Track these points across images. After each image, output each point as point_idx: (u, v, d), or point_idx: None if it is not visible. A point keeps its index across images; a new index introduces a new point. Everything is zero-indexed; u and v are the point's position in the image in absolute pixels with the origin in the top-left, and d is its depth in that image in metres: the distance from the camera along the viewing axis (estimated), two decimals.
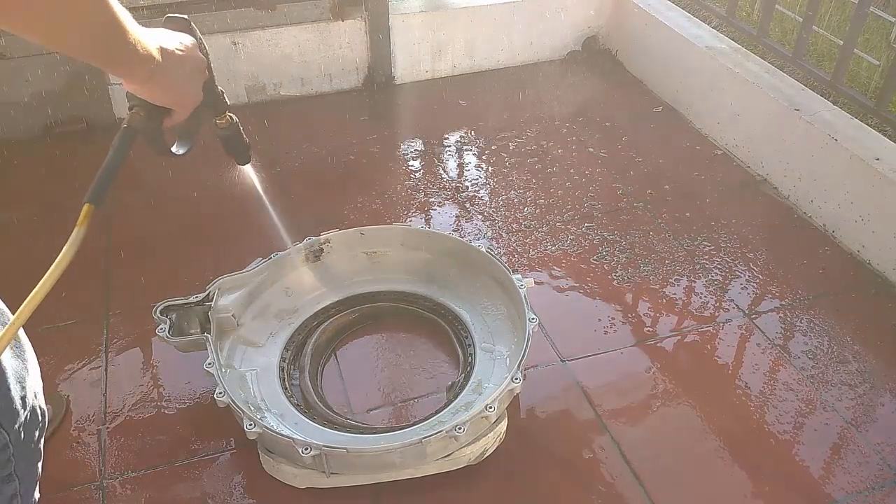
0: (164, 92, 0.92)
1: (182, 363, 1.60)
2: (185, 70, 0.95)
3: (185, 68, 0.95)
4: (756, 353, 1.66)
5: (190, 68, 0.96)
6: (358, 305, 1.71)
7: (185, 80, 0.95)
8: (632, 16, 2.78)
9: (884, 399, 1.57)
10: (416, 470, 1.35)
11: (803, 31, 2.18)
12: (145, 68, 0.86)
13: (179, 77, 0.94)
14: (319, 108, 2.61)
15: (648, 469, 1.42)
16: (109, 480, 1.40)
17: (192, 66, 0.96)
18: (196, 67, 0.98)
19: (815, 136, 2.02)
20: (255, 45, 2.50)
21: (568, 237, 2.00)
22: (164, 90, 0.92)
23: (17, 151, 2.34)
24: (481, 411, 1.32)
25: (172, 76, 0.91)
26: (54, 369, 1.61)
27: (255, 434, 1.29)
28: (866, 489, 1.38)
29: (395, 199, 2.14)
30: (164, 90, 0.92)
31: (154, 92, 0.91)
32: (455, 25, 2.69)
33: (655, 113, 2.59)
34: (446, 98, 2.67)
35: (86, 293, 1.81)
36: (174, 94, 0.94)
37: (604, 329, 1.72)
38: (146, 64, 0.85)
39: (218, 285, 1.54)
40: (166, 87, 0.92)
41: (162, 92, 0.92)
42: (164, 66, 0.88)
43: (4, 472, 0.79)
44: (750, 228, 2.03)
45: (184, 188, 2.14)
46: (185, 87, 0.96)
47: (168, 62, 0.89)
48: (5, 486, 0.80)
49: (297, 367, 1.58)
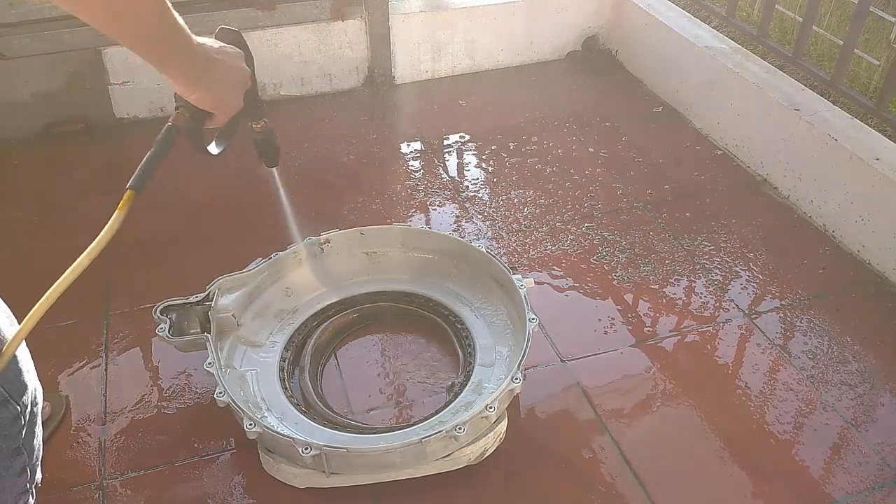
0: (208, 97, 1.01)
1: (182, 363, 1.60)
2: (230, 79, 1.04)
3: (230, 78, 1.04)
4: (756, 353, 1.66)
5: (234, 78, 1.06)
6: (358, 305, 1.71)
7: (228, 89, 1.05)
8: (632, 16, 2.78)
9: (884, 399, 1.57)
10: (416, 470, 1.35)
11: (803, 31, 2.18)
12: (194, 73, 0.96)
13: (223, 85, 1.03)
14: (319, 108, 2.61)
15: (648, 469, 1.42)
16: (109, 480, 1.40)
17: (236, 76, 1.06)
18: (240, 78, 1.07)
19: (815, 136, 2.02)
20: (255, 45, 2.47)
21: (568, 237, 2.00)
22: (209, 95, 1.01)
23: (17, 151, 2.34)
24: (481, 411, 1.32)
25: (217, 84, 1.01)
26: (54, 369, 1.61)
27: (256, 434, 1.29)
28: (866, 489, 1.39)
29: (395, 199, 2.14)
30: (209, 95, 1.01)
31: (199, 96, 1.00)
32: (455, 25, 2.69)
33: (655, 113, 2.59)
34: (446, 98, 2.67)
35: (86, 293, 1.81)
36: (217, 100, 1.03)
37: (604, 329, 1.72)
38: (196, 69, 0.95)
39: (218, 285, 1.54)
40: (211, 93, 1.01)
41: (206, 97, 1.01)
42: (211, 73, 0.98)
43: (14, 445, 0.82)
44: (750, 228, 2.03)
45: (184, 188, 2.14)
46: (228, 94, 1.05)
47: (215, 70, 0.99)
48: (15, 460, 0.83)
49: (298, 367, 1.58)
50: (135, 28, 0.83)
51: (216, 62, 1.00)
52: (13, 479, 0.82)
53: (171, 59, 0.92)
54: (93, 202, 2.13)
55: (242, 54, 1.10)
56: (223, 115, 1.07)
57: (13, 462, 0.82)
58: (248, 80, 1.10)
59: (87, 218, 2.17)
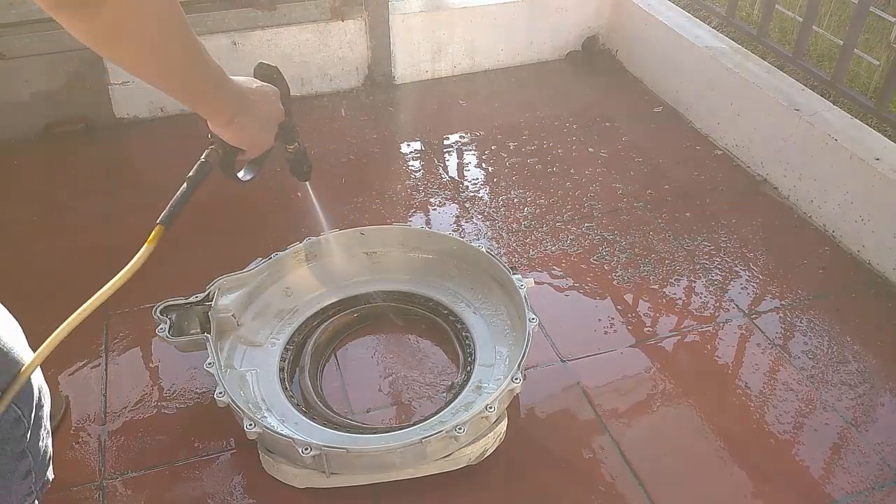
0: (241, 136, 1.05)
1: (182, 363, 1.60)
2: (263, 119, 1.09)
3: (262, 118, 1.08)
4: (756, 353, 1.66)
5: (266, 118, 1.10)
6: (358, 305, 1.71)
7: (260, 129, 1.09)
8: (632, 16, 2.78)
9: (884, 399, 1.57)
10: (416, 470, 1.35)
11: (803, 31, 2.18)
12: (228, 114, 0.99)
13: (256, 125, 1.07)
14: (319, 108, 2.61)
15: (648, 469, 1.42)
16: (109, 480, 1.40)
17: (268, 116, 1.10)
18: (273, 116, 1.12)
19: (815, 136, 2.02)
20: (255, 45, 2.50)
21: (568, 237, 2.00)
22: (241, 135, 1.05)
23: (17, 151, 2.34)
24: (481, 411, 1.32)
25: (251, 123, 1.05)
26: (54, 369, 1.61)
27: (255, 434, 1.29)
28: (866, 489, 1.39)
29: (395, 199, 2.14)
30: (241, 135, 1.05)
31: (232, 135, 1.04)
32: (455, 25, 2.69)
33: (655, 113, 2.59)
34: (446, 98, 2.67)
35: (86, 293, 1.81)
36: (249, 139, 1.08)
37: (604, 329, 1.72)
38: (229, 110, 0.99)
39: (218, 285, 1.54)
40: (243, 133, 1.05)
41: (239, 136, 1.05)
42: (245, 113, 1.02)
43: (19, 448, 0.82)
44: (750, 228, 2.03)
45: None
46: (261, 133, 1.10)
47: (249, 110, 1.03)
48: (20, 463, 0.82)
49: (298, 367, 1.58)
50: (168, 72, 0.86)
51: (250, 102, 1.03)
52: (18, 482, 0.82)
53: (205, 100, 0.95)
54: (93, 202, 2.13)
55: (278, 92, 1.14)
56: (254, 151, 1.12)
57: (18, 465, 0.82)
58: (281, 116, 1.14)
59: (87, 218, 2.19)
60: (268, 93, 1.10)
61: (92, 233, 2.01)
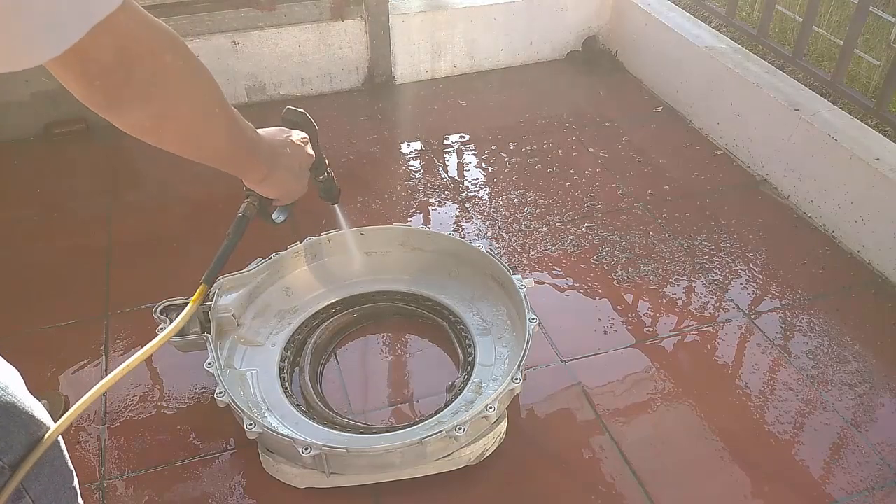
0: (274, 190, 1.10)
1: (182, 363, 1.60)
2: (294, 170, 1.12)
3: (294, 169, 1.12)
4: (756, 353, 1.66)
5: (298, 167, 1.13)
6: (358, 305, 1.71)
7: (293, 179, 1.13)
8: (632, 16, 2.78)
9: (884, 399, 1.57)
10: (416, 470, 1.35)
11: (803, 31, 2.18)
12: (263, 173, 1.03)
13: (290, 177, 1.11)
14: (319, 108, 2.60)
15: (648, 469, 1.42)
16: (109, 480, 1.40)
17: (300, 164, 1.14)
18: (303, 165, 1.15)
19: (815, 136, 2.02)
20: (255, 45, 2.50)
21: (568, 237, 2.00)
22: (275, 188, 1.10)
23: (17, 151, 2.34)
24: (481, 411, 1.32)
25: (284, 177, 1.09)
26: (54, 369, 1.61)
27: (256, 434, 1.29)
28: (866, 489, 1.39)
29: (395, 199, 2.14)
30: (275, 188, 1.10)
31: (267, 190, 1.10)
32: (455, 25, 2.69)
33: (655, 113, 2.59)
34: (446, 98, 2.68)
35: (86, 293, 1.81)
36: (283, 190, 1.12)
37: (604, 329, 1.72)
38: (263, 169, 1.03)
39: (218, 285, 1.54)
40: (277, 186, 1.10)
41: (273, 190, 1.10)
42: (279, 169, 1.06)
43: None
44: (750, 228, 2.03)
45: (184, 188, 2.14)
46: (293, 184, 1.14)
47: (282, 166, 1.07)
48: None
49: (298, 367, 1.58)
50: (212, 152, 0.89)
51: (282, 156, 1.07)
52: None
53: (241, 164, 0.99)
54: (93, 202, 2.13)
55: (307, 138, 1.17)
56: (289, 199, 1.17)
57: None
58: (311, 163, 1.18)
59: (87, 218, 2.19)
60: (297, 144, 1.13)
61: (92, 233, 2.01)
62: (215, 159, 0.91)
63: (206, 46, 2.42)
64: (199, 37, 2.40)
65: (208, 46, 2.43)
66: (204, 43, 2.42)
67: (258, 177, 1.04)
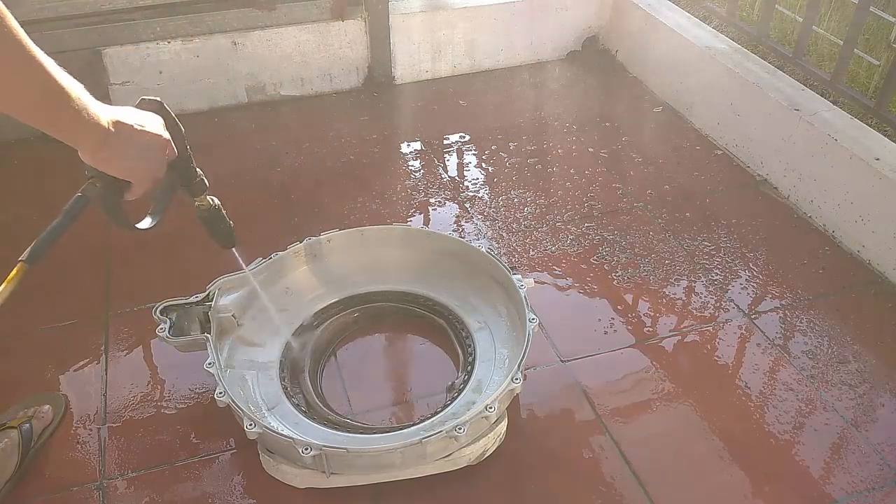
0: (116, 164, 0.95)
1: (182, 363, 1.60)
2: (140, 145, 0.97)
3: (140, 143, 0.97)
4: (756, 353, 1.66)
5: (146, 143, 0.98)
6: (358, 305, 1.71)
7: (139, 155, 0.97)
8: (632, 16, 2.78)
9: (884, 399, 1.57)
10: (416, 470, 1.35)
11: (803, 31, 2.18)
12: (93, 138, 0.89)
13: (133, 151, 0.96)
14: (319, 108, 2.61)
15: (648, 469, 1.42)
16: (109, 480, 1.40)
17: (148, 141, 0.98)
18: (153, 143, 0.99)
19: (815, 136, 2.02)
20: (255, 45, 2.50)
21: (568, 237, 2.00)
22: (116, 162, 0.95)
23: (17, 151, 2.34)
24: (481, 411, 1.32)
25: (125, 149, 0.94)
26: (54, 369, 1.61)
27: (256, 434, 1.29)
28: (866, 489, 1.38)
29: (395, 199, 2.14)
30: (116, 162, 0.95)
31: (105, 163, 0.94)
32: (455, 25, 2.69)
33: (655, 113, 2.59)
34: (446, 98, 2.67)
35: (86, 293, 1.81)
36: (127, 167, 0.97)
37: (604, 329, 1.72)
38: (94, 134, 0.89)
39: (218, 285, 1.54)
40: (118, 160, 0.94)
41: (114, 164, 0.95)
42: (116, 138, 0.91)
43: None
44: (750, 228, 2.03)
45: None
46: (139, 161, 0.98)
47: (121, 135, 0.92)
48: None
49: (298, 368, 1.58)
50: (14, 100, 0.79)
51: (124, 126, 0.93)
52: None
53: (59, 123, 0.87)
54: None
55: (160, 120, 1.03)
56: (140, 183, 1.00)
57: None
58: (166, 146, 1.02)
59: (87, 218, 2.18)
60: (147, 118, 0.99)
61: (92, 233, 2.01)
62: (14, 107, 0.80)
63: (206, 46, 2.42)
64: (199, 37, 2.40)
65: (208, 46, 2.43)
66: (204, 43, 2.42)
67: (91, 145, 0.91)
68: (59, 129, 0.87)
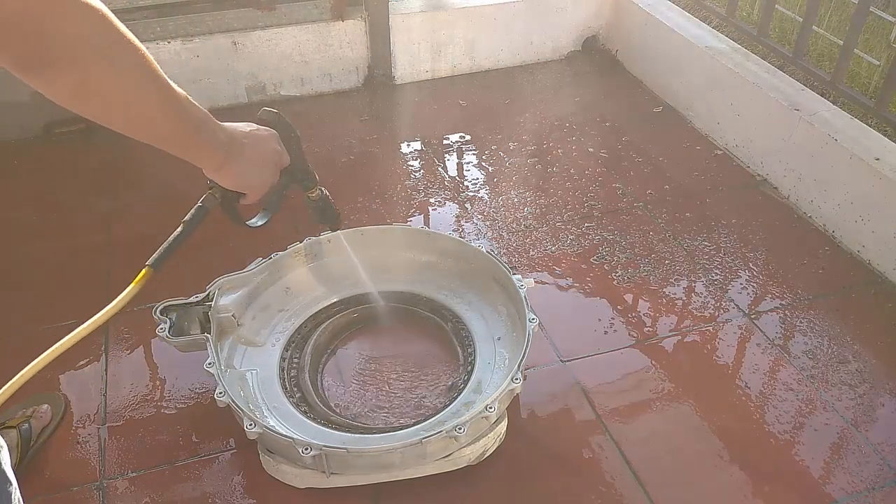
0: (234, 179, 1.06)
1: (182, 363, 1.60)
2: (256, 161, 1.07)
3: (256, 160, 1.07)
4: (756, 353, 1.66)
5: (261, 159, 1.09)
6: (358, 305, 1.71)
7: (255, 170, 1.08)
8: (632, 16, 2.78)
9: (884, 399, 1.57)
10: (416, 470, 1.35)
11: (803, 31, 2.18)
12: (217, 160, 0.99)
13: (250, 167, 1.06)
14: (319, 108, 2.61)
15: (648, 469, 1.42)
16: (109, 480, 1.40)
17: (263, 157, 1.09)
18: (269, 159, 1.11)
19: (815, 136, 2.02)
20: (255, 45, 2.50)
21: (568, 237, 2.00)
22: (235, 178, 1.05)
23: (17, 151, 2.34)
24: (481, 411, 1.32)
25: (242, 166, 1.04)
26: (54, 369, 1.61)
27: (256, 434, 1.29)
28: (866, 489, 1.39)
29: (395, 199, 2.14)
30: (235, 178, 1.05)
31: (225, 179, 1.05)
32: (455, 25, 2.69)
33: (655, 113, 2.59)
34: (446, 98, 2.68)
35: (86, 293, 1.81)
36: (244, 181, 1.07)
37: (604, 329, 1.72)
38: (218, 156, 0.99)
39: (218, 285, 1.54)
40: (237, 176, 1.05)
41: (233, 179, 1.05)
42: (237, 157, 1.02)
43: None
44: (750, 228, 2.03)
45: (184, 187, 2.14)
46: (256, 176, 1.09)
47: (241, 154, 1.03)
48: None
49: (297, 367, 1.58)
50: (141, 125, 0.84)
51: (242, 146, 1.03)
52: None
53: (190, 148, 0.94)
54: (93, 202, 2.13)
55: (275, 135, 1.13)
56: (253, 194, 1.11)
57: None
58: (280, 159, 1.14)
59: (87, 218, 2.19)
60: (262, 135, 1.10)
61: (92, 233, 2.01)
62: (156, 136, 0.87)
63: (206, 46, 2.42)
64: (199, 37, 2.40)
65: (208, 46, 2.43)
66: (204, 43, 2.42)
67: (213, 164, 1.00)
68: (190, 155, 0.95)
